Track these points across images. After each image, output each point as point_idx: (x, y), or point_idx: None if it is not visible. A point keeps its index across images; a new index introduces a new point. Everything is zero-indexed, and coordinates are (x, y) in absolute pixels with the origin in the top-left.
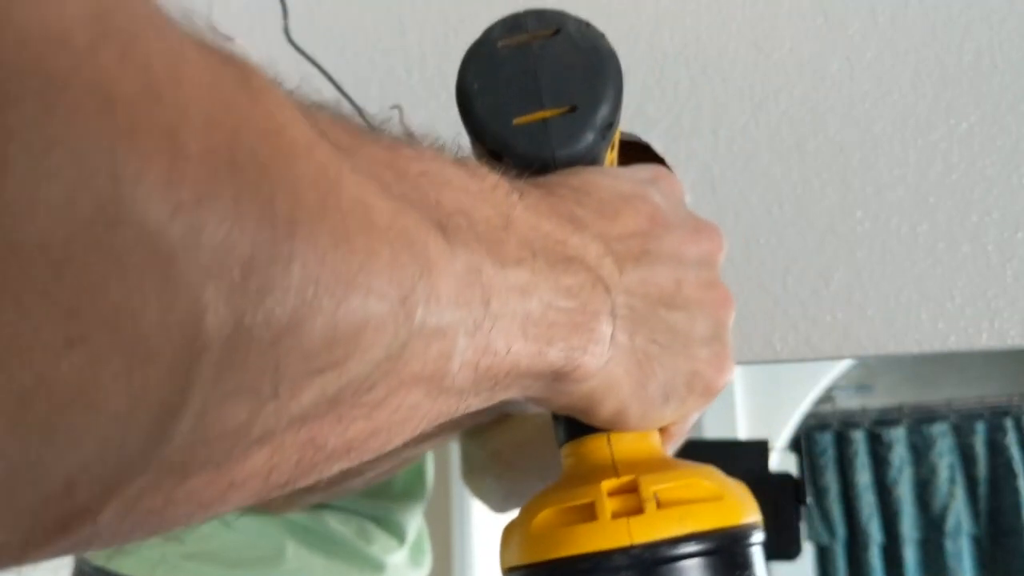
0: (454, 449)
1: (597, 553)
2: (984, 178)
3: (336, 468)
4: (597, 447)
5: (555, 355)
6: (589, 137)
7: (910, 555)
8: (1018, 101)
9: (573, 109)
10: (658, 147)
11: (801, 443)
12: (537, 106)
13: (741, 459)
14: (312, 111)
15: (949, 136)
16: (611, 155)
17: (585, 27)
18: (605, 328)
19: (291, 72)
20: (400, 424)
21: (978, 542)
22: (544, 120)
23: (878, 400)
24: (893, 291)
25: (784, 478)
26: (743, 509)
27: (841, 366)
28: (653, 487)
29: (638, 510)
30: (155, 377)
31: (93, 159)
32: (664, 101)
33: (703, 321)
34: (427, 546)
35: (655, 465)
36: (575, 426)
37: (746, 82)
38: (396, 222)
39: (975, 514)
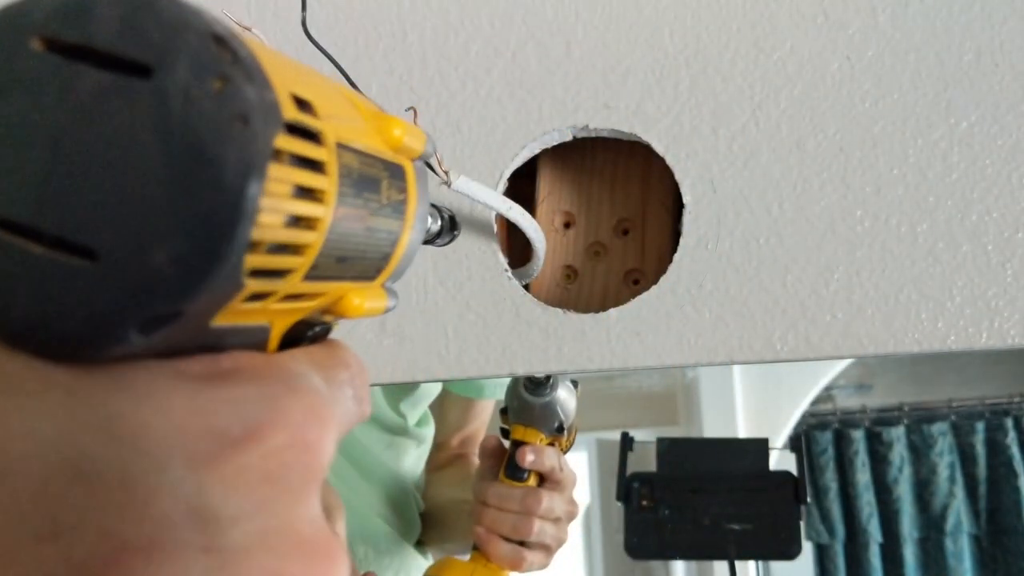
0: None
1: None
2: (984, 178)
3: None
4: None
5: None
6: None
7: (910, 554)
8: (1018, 101)
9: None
10: (658, 147)
11: (801, 442)
12: None
13: (741, 458)
14: None
15: (949, 136)
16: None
17: None
18: None
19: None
20: None
21: (978, 541)
22: None
23: (878, 399)
24: (893, 291)
25: (784, 477)
26: None
27: (841, 365)
28: None
29: None
30: None
31: None
32: (664, 101)
33: None
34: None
35: None
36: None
37: (746, 82)
38: None
39: (975, 514)
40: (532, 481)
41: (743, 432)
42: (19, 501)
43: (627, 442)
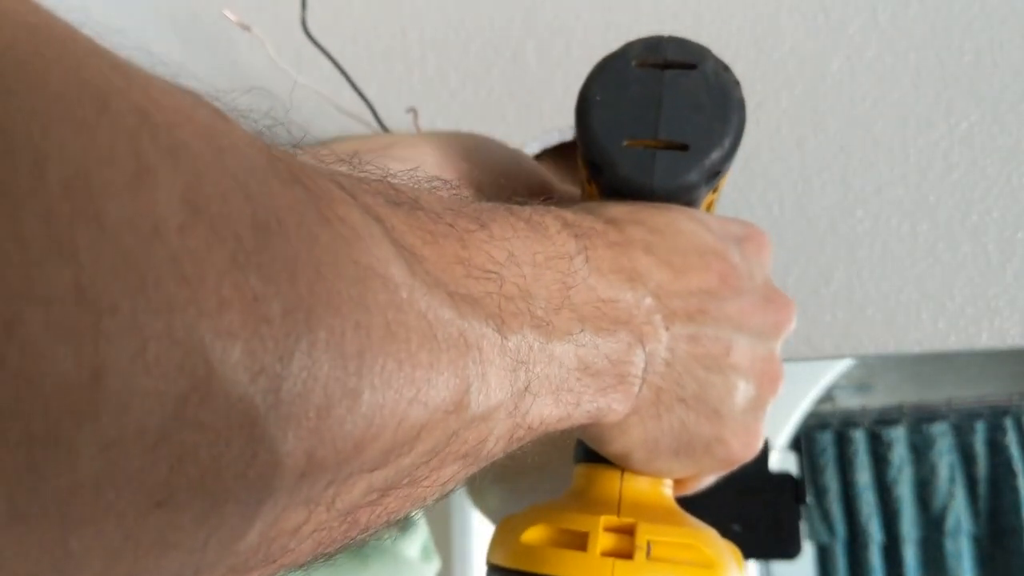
0: None
1: None
2: (984, 178)
3: (370, 535)
4: (608, 479)
5: (580, 415)
6: (693, 179)
7: (910, 554)
8: (1018, 101)
9: (684, 147)
10: None
11: (801, 443)
12: (651, 134)
13: None
14: (389, 214)
15: (949, 136)
16: (712, 196)
17: (723, 70)
18: (632, 387)
19: (307, 65)
20: (434, 491)
21: (978, 542)
22: (653, 150)
23: (878, 400)
24: (893, 291)
25: (784, 477)
26: None
27: (841, 366)
28: (650, 536)
29: (628, 554)
30: (229, 516)
31: (185, 346)
32: None
33: (743, 390)
34: (432, 545)
35: (660, 515)
36: (594, 451)
37: (746, 82)
38: (457, 330)
39: (975, 514)
40: None
41: None
42: None
43: None
